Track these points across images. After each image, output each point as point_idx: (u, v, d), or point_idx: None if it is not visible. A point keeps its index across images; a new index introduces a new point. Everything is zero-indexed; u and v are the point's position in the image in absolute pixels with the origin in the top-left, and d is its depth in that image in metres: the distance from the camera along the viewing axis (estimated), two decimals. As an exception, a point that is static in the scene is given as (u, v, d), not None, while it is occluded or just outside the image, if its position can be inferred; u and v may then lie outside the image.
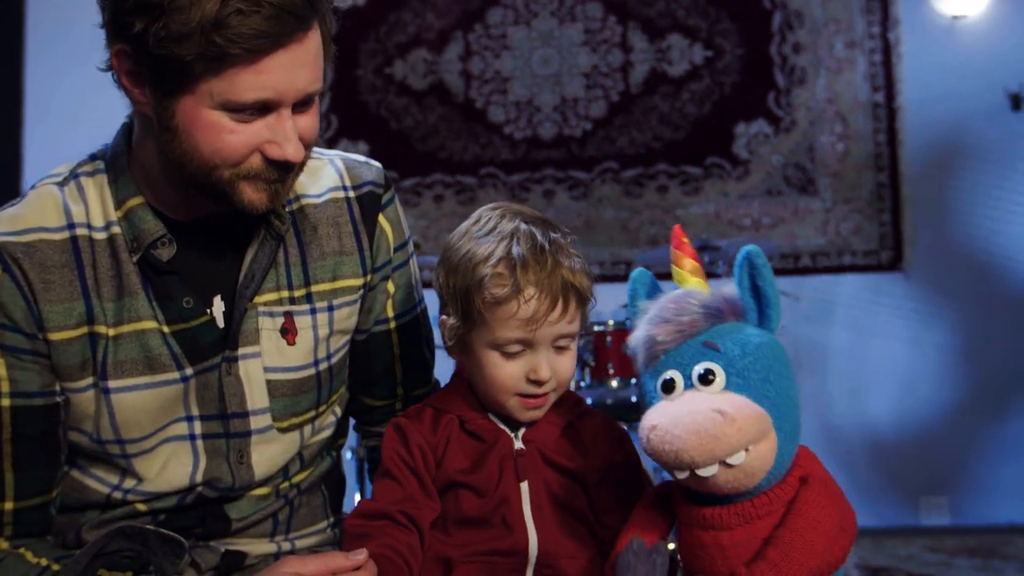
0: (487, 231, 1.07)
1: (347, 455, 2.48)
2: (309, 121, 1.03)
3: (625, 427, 1.17)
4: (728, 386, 0.91)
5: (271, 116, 0.99)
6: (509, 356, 1.05)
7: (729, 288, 0.95)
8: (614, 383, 2.65)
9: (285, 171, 1.02)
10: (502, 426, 1.09)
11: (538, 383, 1.04)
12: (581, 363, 2.63)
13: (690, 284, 0.97)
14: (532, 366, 1.04)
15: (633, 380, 2.82)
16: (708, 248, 2.84)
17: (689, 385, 0.92)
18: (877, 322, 3.67)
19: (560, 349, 1.06)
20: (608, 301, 3.33)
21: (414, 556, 1.02)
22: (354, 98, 3.82)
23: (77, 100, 3.23)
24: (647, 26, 3.79)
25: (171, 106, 0.98)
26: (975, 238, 3.69)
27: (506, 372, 1.05)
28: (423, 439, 1.07)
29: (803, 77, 3.74)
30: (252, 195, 1.01)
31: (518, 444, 1.08)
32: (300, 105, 1.01)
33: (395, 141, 3.78)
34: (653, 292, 1.01)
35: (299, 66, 0.98)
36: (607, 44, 3.80)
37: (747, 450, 0.88)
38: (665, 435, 0.88)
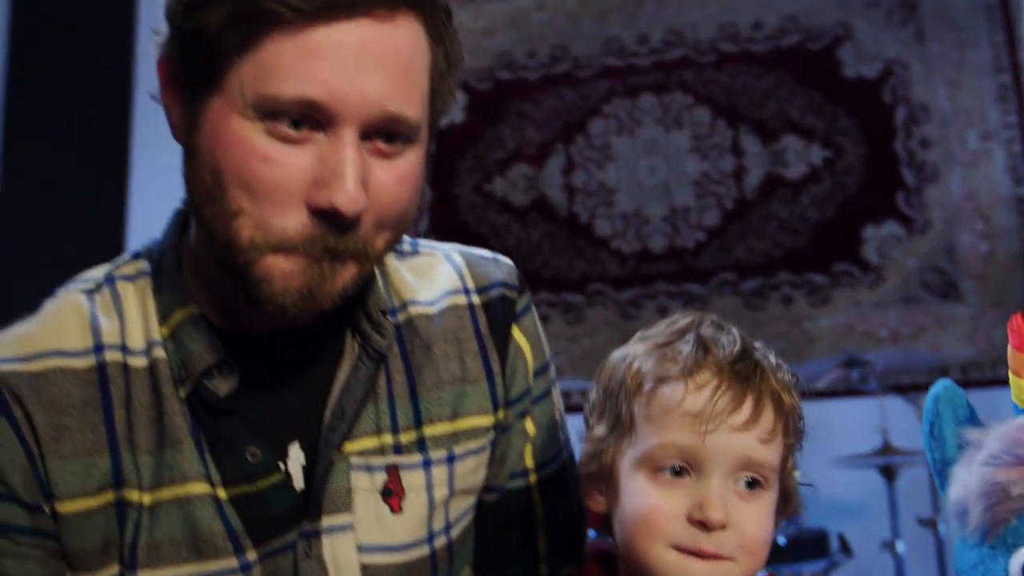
0: (658, 329, 0.80)
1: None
2: (393, 177, 0.71)
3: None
4: None
5: (327, 141, 0.67)
6: (665, 482, 0.73)
7: None
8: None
9: (336, 241, 0.70)
10: None
11: (704, 525, 0.71)
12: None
13: None
14: (698, 498, 0.72)
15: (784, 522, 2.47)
16: (855, 363, 2.51)
17: None
18: (1044, 441, 3.23)
19: (749, 489, 0.73)
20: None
21: None
22: (453, 217, 3.67)
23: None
24: (759, 128, 3.57)
25: (198, 115, 0.69)
26: None
27: (657, 503, 0.72)
28: None
29: (934, 173, 3.45)
30: (278, 280, 0.69)
31: None
32: (380, 137, 0.70)
33: (496, 260, 3.60)
34: (969, 416, 0.69)
35: (371, 60, 0.66)
36: (717, 149, 3.58)
37: None
38: None
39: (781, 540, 2.36)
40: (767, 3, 3.64)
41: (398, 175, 0.71)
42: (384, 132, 0.70)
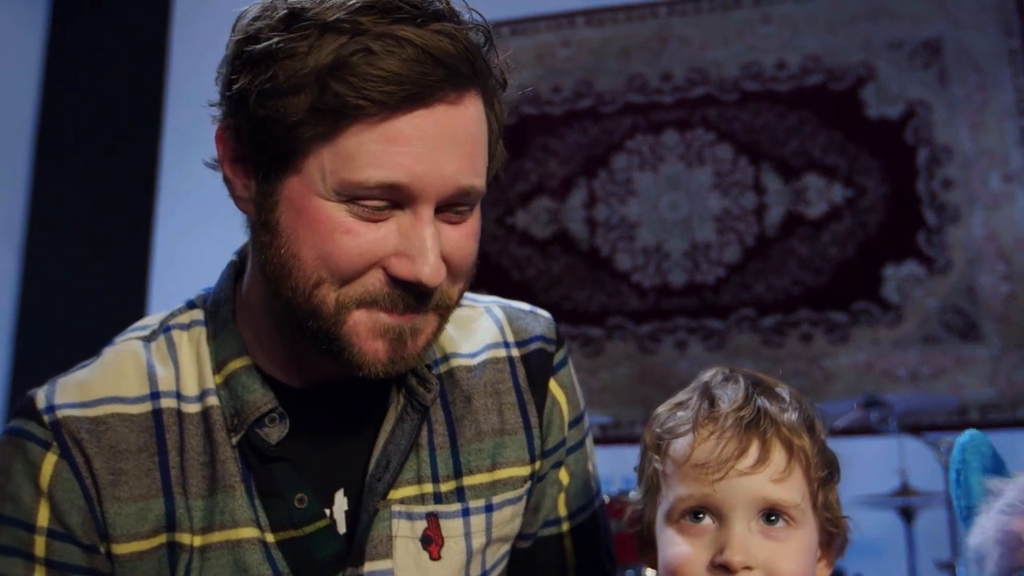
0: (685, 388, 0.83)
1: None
2: (463, 236, 0.76)
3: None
4: None
5: (406, 216, 0.72)
6: (690, 531, 0.75)
7: None
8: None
9: (417, 303, 0.74)
10: None
11: (726, 568, 0.73)
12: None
13: None
14: (720, 543, 0.74)
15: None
16: (875, 404, 2.51)
17: None
18: (1065, 485, 3.21)
19: (773, 526, 0.75)
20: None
21: None
22: (475, 249, 3.70)
23: (205, 253, 3.17)
24: (781, 166, 3.59)
25: (273, 194, 0.72)
26: None
27: (683, 552, 0.75)
28: None
29: (956, 214, 3.45)
30: (367, 340, 0.73)
31: None
32: (450, 208, 0.74)
33: (517, 292, 3.61)
34: (995, 464, 0.70)
35: (447, 141, 0.71)
36: (739, 186, 3.61)
37: None
38: None
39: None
40: (790, 43, 3.67)
41: (466, 233, 0.76)
42: (455, 203, 0.75)
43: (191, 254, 3.29)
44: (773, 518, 0.76)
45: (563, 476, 0.93)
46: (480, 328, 0.92)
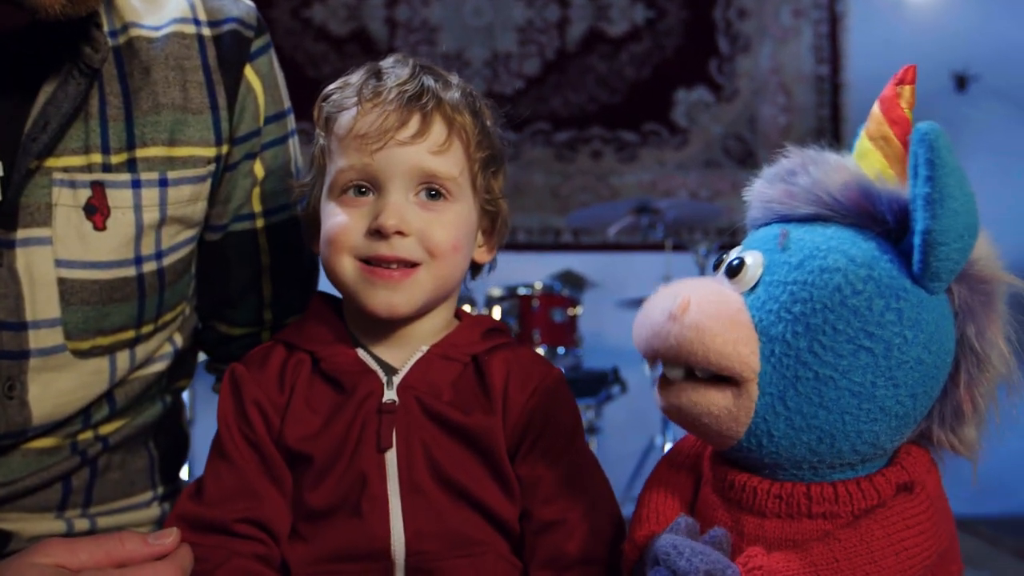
0: None
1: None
2: None
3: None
4: (754, 292, 0.64)
5: None
6: (349, 202, 0.76)
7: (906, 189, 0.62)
8: (539, 352, 2.40)
9: None
10: (372, 364, 0.78)
11: (380, 233, 0.74)
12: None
13: (864, 160, 0.66)
14: (376, 212, 0.75)
15: (561, 349, 2.59)
16: (647, 210, 2.61)
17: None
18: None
19: (430, 199, 0.77)
20: (536, 269, 3.11)
21: None
22: (268, 41, 3.50)
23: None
24: (587, -19, 3.56)
25: None
26: (916, 221, 3.57)
27: (341, 221, 0.76)
28: (264, 394, 0.76)
29: (747, 45, 3.56)
30: None
31: (388, 394, 0.76)
32: None
33: (311, 89, 3.46)
34: None
35: None
36: (544, -2, 3.55)
37: (694, 376, 0.63)
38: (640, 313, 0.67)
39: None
40: None
41: None
42: None
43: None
44: (432, 192, 0.78)
45: (258, 170, 0.90)
46: (169, 4, 0.86)
